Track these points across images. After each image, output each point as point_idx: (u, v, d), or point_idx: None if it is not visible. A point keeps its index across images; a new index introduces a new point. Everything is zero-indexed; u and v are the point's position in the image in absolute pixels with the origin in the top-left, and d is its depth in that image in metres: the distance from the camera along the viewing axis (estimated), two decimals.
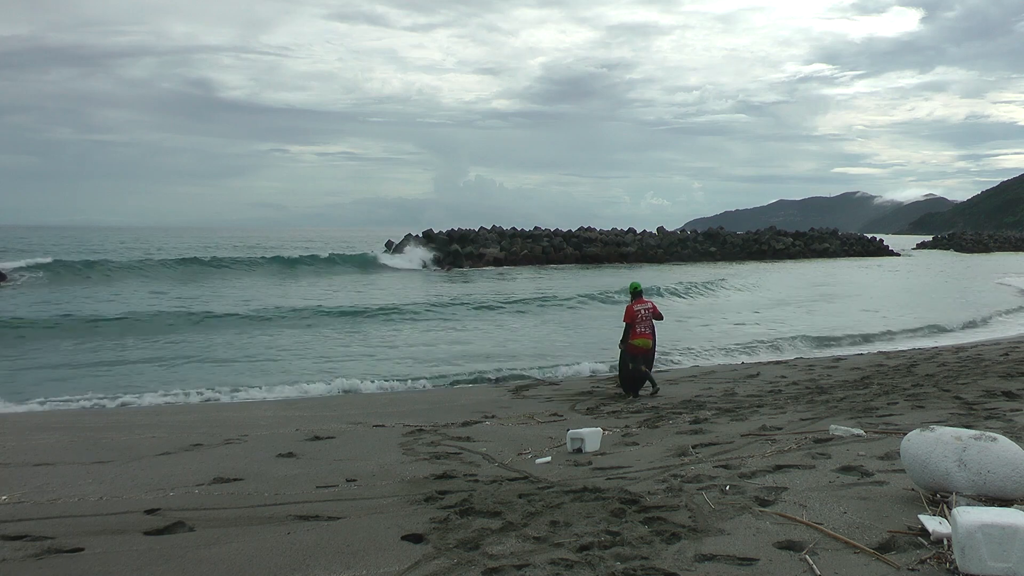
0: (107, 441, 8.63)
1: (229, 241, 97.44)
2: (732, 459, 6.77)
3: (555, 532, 4.89)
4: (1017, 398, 9.64)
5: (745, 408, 10.02)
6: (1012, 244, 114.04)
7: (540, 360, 16.35)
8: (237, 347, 18.17)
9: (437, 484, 6.40)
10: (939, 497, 4.85)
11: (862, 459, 6.34)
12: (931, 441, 4.90)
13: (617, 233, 68.33)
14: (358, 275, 44.75)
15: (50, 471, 7.15)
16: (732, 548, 4.47)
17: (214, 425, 9.64)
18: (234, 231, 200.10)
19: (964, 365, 13.48)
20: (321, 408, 11.21)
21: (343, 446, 8.26)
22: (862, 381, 12.20)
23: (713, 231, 77.49)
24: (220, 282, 37.38)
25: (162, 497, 6.19)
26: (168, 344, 18.28)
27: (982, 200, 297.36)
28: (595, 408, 10.80)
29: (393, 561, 4.53)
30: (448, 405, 11.24)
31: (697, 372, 14.44)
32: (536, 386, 13.20)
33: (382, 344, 19.00)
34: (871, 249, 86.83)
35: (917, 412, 8.91)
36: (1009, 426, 7.57)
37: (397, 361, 16.45)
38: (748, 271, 51.41)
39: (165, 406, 11.94)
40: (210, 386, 13.31)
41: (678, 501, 5.41)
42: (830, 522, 4.78)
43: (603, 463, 7.10)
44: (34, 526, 5.37)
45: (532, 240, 62.42)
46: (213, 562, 4.64)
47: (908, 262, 71.79)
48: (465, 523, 5.15)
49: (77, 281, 35.61)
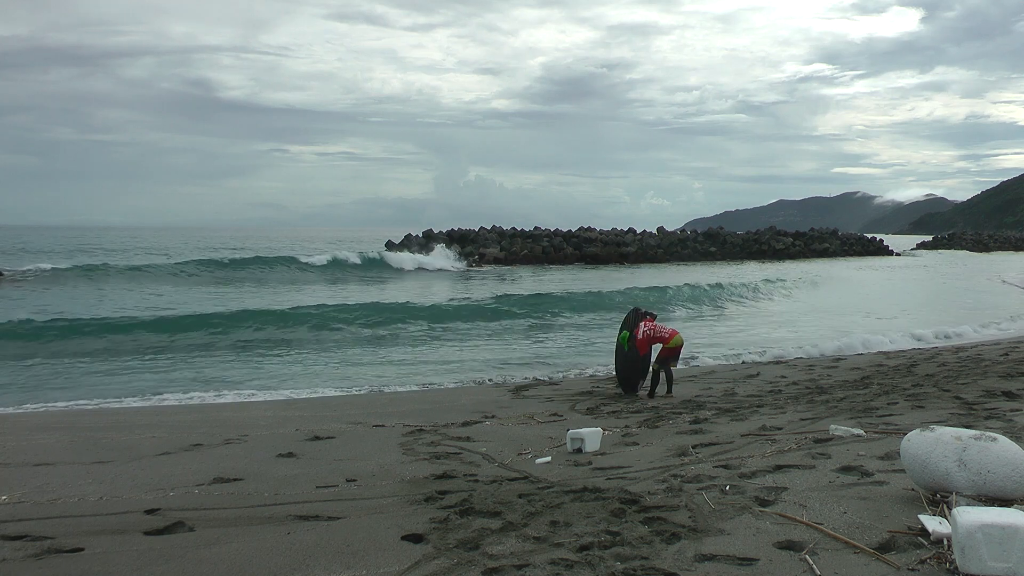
0: (107, 441, 8.62)
1: (231, 242, 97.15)
2: (732, 459, 6.77)
3: (555, 532, 4.89)
4: (1017, 398, 9.64)
5: (745, 408, 10.02)
6: (1012, 244, 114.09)
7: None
8: (427, 345, 18.87)
9: (437, 484, 6.40)
10: (939, 497, 4.85)
11: (862, 459, 6.35)
12: (931, 441, 4.91)
13: (617, 233, 68.35)
14: (395, 276, 44.40)
15: (50, 471, 7.15)
16: (732, 548, 4.47)
17: (214, 425, 9.64)
18: (234, 231, 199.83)
19: (964, 365, 13.48)
20: (321, 408, 11.21)
21: (343, 446, 8.26)
22: (862, 381, 12.19)
23: (713, 231, 77.53)
24: (290, 288, 35.98)
25: (162, 497, 6.18)
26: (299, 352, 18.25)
27: (982, 200, 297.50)
28: (595, 408, 10.79)
29: (393, 561, 4.53)
30: (448, 405, 11.24)
31: (697, 372, 14.43)
32: (536, 386, 13.21)
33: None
34: (871, 249, 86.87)
35: (917, 412, 8.91)
36: (1009, 426, 7.57)
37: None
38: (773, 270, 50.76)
39: (165, 406, 11.94)
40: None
41: (678, 501, 5.41)
42: (830, 522, 4.78)
43: (603, 463, 7.10)
44: (34, 526, 5.37)
45: (532, 240, 62.47)
46: (213, 562, 4.64)
47: (920, 260, 70.81)
48: (465, 523, 5.15)
49: (119, 282, 35.34)
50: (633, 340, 11.77)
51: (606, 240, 64.67)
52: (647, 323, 11.97)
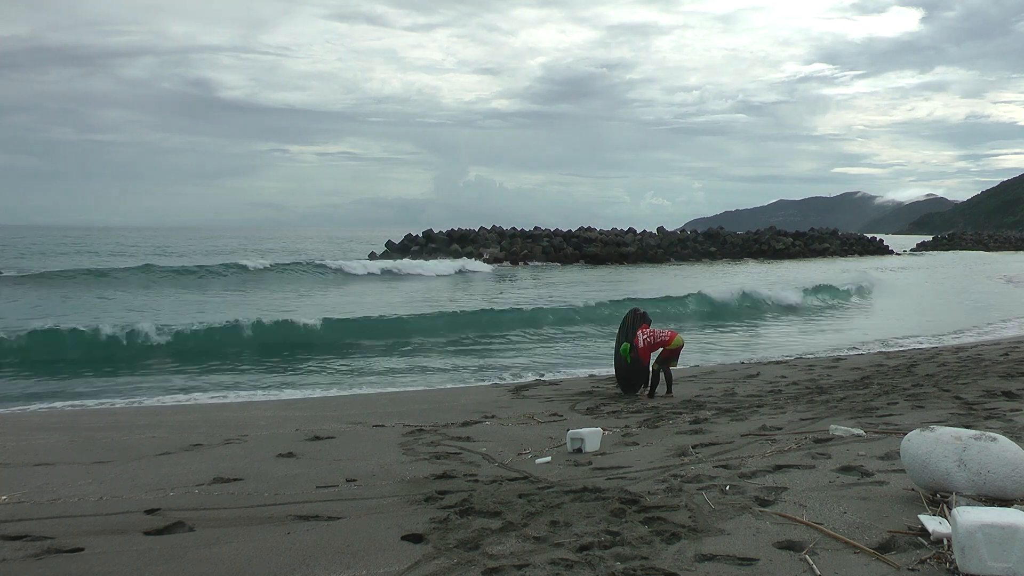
0: (107, 441, 8.62)
1: (232, 243, 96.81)
2: (732, 459, 6.77)
3: (555, 532, 4.89)
4: (1017, 398, 9.64)
5: (745, 408, 10.02)
6: (1012, 244, 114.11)
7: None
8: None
9: (437, 484, 6.40)
10: (939, 497, 4.85)
11: (862, 459, 6.35)
12: (931, 441, 4.91)
13: (617, 233, 68.39)
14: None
15: (50, 471, 7.15)
16: (732, 548, 4.47)
17: (214, 425, 9.64)
18: (234, 231, 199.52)
19: (964, 365, 13.48)
20: (321, 408, 11.21)
21: (343, 446, 8.26)
22: (862, 381, 12.19)
23: (713, 231, 77.57)
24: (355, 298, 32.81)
25: (162, 497, 6.18)
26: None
27: (982, 200, 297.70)
28: (595, 408, 10.79)
29: (393, 561, 4.53)
30: (448, 405, 11.24)
31: (697, 372, 14.43)
32: (536, 386, 13.21)
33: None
34: (871, 249, 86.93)
35: (917, 412, 8.91)
36: (1009, 426, 7.57)
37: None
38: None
39: (166, 406, 11.94)
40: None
41: (678, 501, 5.41)
42: (830, 522, 4.78)
43: (603, 463, 7.10)
44: (34, 526, 5.37)
45: (532, 240, 62.52)
46: (213, 562, 4.64)
47: (931, 260, 69.62)
48: (465, 523, 5.15)
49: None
50: (635, 351, 11.68)
51: (606, 240, 64.71)
52: (644, 330, 11.82)
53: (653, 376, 11.79)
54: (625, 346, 11.78)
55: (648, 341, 11.68)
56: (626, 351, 11.75)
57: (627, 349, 11.74)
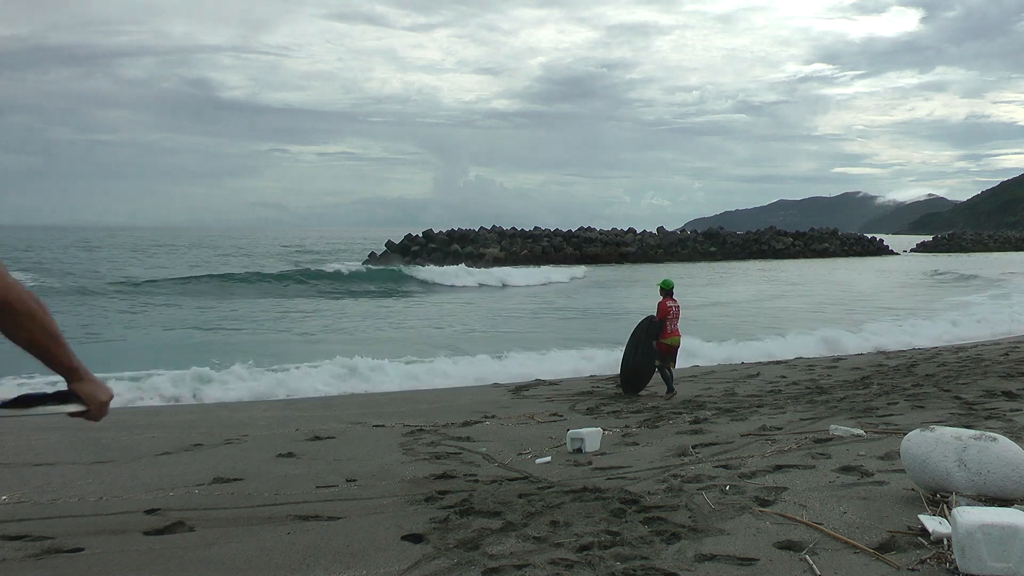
0: (107, 441, 8.62)
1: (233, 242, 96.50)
2: (732, 459, 6.77)
3: (555, 532, 4.89)
4: (1017, 398, 9.65)
5: (745, 408, 10.02)
6: (1012, 244, 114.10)
7: None
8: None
9: (437, 484, 6.40)
10: (939, 497, 4.85)
11: (862, 459, 6.35)
12: (931, 441, 4.91)
13: (617, 233, 68.40)
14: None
15: (50, 471, 7.14)
16: (732, 548, 4.47)
17: (214, 425, 9.63)
18: (234, 231, 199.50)
19: (964, 365, 13.48)
20: (321, 408, 11.21)
21: (343, 446, 8.26)
22: (862, 381, 12.19)
23: (713, 231, 77.63)
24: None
25: (162, 497, 6.18)
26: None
27: (982, 200, 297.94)
28: (595, 408, 10.79)
29: (393, 561, 4.53)
30: (448, 405, 11.24)
31: (697, 372, 14.42)
32: (536, 386, 13.20)
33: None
34: (871, 249, 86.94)
35: (917, 412, 8.91)
36: (1009, 426, 7.58)
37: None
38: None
39: (165, 406, 11.94)
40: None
41: (678, 501, 5.42)
42: (830, 522, 4.78)
43: (603, 463, 7.10)
44: (34, 526, 5.36)
45: (532, 240, 62.54)
46: (213, 562, 4.64)
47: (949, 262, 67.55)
48: (465, 523, 5.14)
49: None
50: (660, 329, 11.73)
51: (606, 240, 64.74)
52: (670, 299, 11.91)
53: (662, 373, 11.78)
54: (675, 339, 11.84)
55: (662, 302, 11.82)
56: (675, 342, 11.83)
57: (675, 341, 11.83)
